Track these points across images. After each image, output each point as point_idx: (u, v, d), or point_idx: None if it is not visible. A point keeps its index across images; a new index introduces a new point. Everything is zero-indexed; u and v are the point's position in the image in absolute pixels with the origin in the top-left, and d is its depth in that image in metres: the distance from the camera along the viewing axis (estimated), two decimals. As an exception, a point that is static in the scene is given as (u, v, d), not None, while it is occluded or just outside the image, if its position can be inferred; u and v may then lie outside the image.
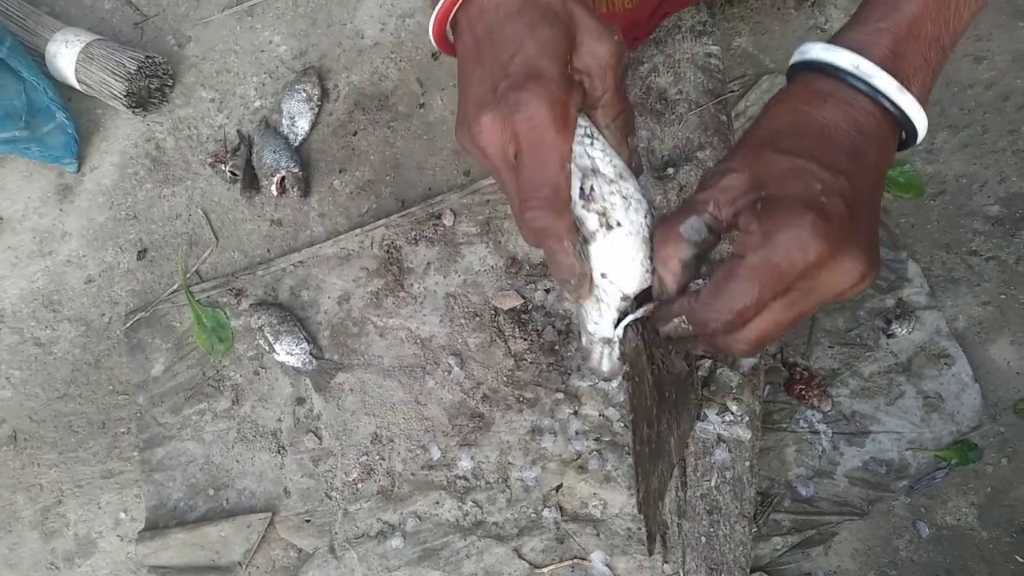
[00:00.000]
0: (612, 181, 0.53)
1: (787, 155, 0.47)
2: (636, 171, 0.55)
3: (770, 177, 0.47)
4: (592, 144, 0.53)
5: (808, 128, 0.48)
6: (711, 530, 0.80)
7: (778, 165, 0.47)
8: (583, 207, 0.53)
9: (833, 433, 0.91)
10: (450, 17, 0.53)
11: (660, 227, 0.52)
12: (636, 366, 0.57)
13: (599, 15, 0.50)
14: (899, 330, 0.93)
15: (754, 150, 0.49)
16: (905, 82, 0.48)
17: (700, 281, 0.52)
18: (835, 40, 0.50)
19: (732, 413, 0.81)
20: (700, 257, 0.51)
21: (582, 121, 0.53)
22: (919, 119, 0.50)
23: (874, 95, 0.48)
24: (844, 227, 0.45)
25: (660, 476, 0.64)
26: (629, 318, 0.55)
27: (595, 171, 0.53)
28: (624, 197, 0.53)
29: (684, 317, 0.49)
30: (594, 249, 0.53)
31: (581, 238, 0.53)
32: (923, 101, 0.50)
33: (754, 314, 0.47)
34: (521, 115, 0.47)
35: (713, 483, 0.81)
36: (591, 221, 0.52)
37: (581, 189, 0.53)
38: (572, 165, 0.52)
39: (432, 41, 0.56)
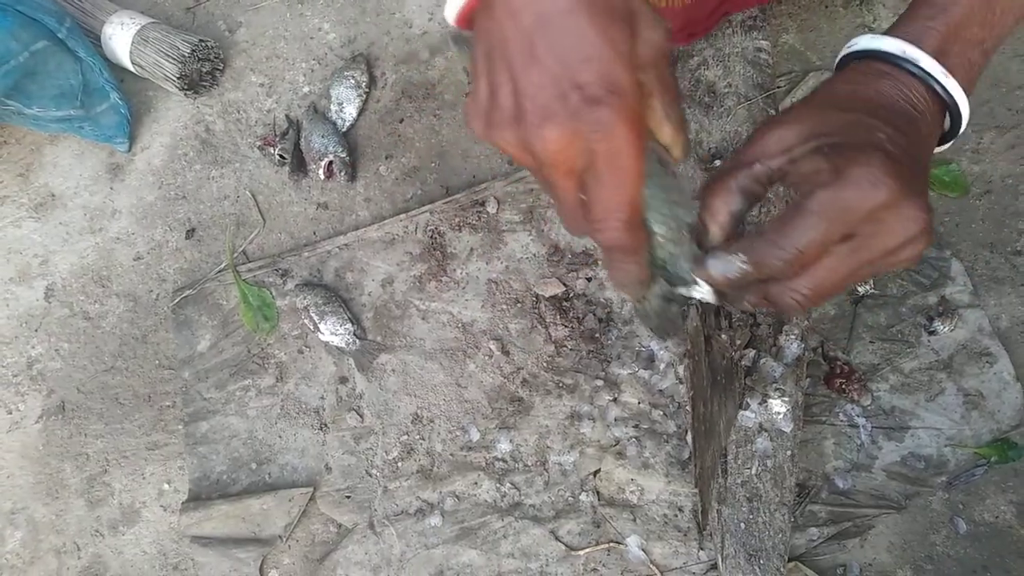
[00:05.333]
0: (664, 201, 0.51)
1: (849, 112, 0.49)
2: (685, 154, 0.52)
3: (832, 128, 0.48)
4: None
5: (867, 95, 0.50)
6: (751, 517, 0.81)
7: (841, 119, 0.48)
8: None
9: (872, 427, 0.92)
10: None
11: (710, 180, 0.52)
12: (696, 345, 0.58)
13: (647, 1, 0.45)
14: (941, 327, 0.94)
15: (810, 108, 0.50)
16: (951, 72, 0.51)
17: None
18: (884, 33, 0.53)
19: (775, 402, 0.82)
20: (744, 211, 0.51)
21: None
22: (963, 104, 0.52)
23: (924, 77, 0.51)
24: (908, 173, 0.46)
25: (712, 455, 0.65)
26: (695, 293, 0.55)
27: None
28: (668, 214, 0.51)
29: (743, 256, 0.48)
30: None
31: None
32: (967, 93, 0.52)
33: (816, 256, 0.46)
34: (601, 135, 0.44)
35: (754, 471, 0.82)
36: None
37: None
38: None
39: (452, 19, 0.50)
